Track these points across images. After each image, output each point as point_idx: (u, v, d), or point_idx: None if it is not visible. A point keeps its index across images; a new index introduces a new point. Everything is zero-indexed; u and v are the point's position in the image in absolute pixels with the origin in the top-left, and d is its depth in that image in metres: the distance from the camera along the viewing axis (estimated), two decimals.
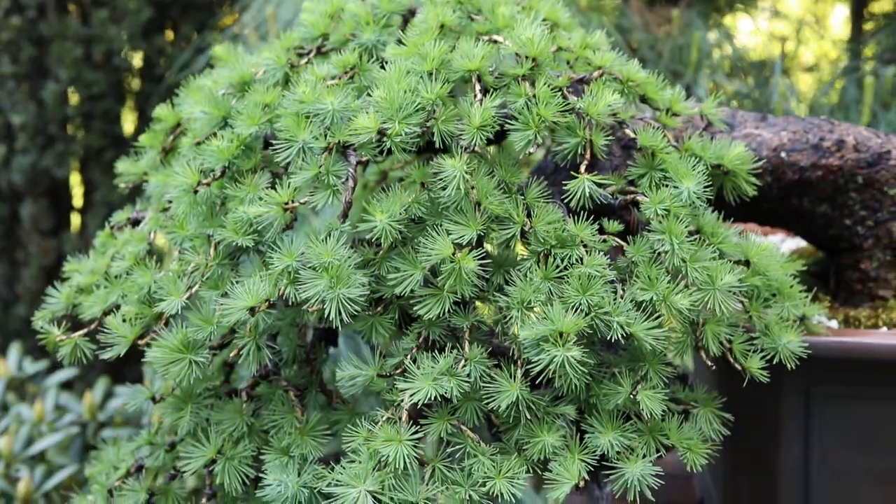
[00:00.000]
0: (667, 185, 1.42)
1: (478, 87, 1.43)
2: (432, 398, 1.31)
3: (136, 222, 1.67)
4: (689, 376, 1.51)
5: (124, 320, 1.46)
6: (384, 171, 1.89)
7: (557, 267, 1.35)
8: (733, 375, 1.45)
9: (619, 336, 1.30)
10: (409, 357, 1.37)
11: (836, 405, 1.57)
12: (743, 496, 1.70)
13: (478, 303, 1.43)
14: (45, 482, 2.37)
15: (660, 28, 2.58)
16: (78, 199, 3.82)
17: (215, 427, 1.47)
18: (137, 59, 3.67)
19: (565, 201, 1.41)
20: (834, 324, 1.62)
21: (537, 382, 1.35)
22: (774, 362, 1.42)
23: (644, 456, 1.33)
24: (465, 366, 1.34)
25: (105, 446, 1.71)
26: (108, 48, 3.53)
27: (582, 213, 1.40)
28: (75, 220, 3.83)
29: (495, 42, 1.50)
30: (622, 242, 1.40)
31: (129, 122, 3.73)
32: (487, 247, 1.42)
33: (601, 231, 1.41)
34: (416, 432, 1.31)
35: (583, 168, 1.41)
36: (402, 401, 1.33)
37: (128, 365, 3.29)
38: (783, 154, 1.63)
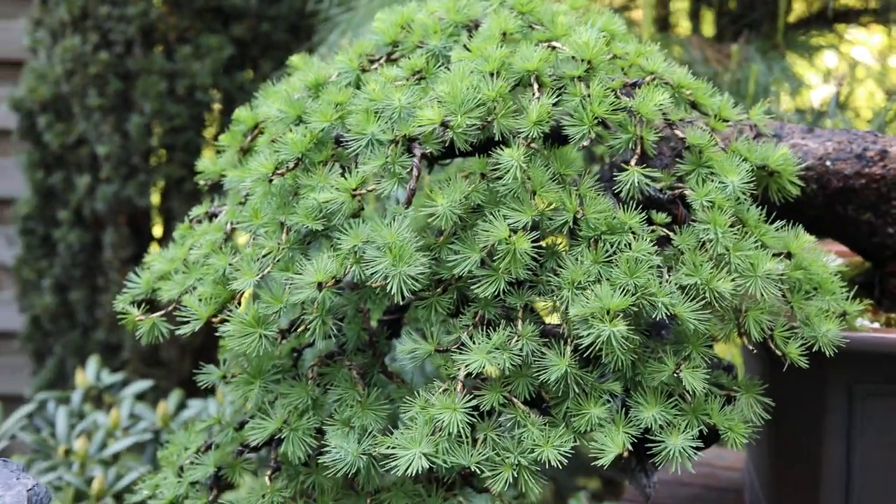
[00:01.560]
0: (713, 181, 1.51)
1: (536, 86, 1.53)
2: (486, 369, 1.40)
3: (213, 216, 1.78)
4: (735, 368, 1.58)
5: (200, 300, 1.56)
6: None
7: (606, 252, 1.44)
8: (780, 372, 1.51)
9: (664, 315, 1.38)
10: (465, 333, 1.46)
11: (879, 402, 1.63)
12: (787, 489, 1.75)
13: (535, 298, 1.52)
14: (117, 483, 2.48)
15: (719, 63, 2.67)
16: (158, 229, 3.97)
17: (281, 400, 1.56)
18: (218, 95, 3.82)
19: (615, 192, 1.50)
20: (877, 326, 1.68)
21: (586, 358, 1.43)
22: (814, 350, 1.49)
23: (685, 430, 1.40)
24: (517, 342, 1.42)
25: (177, 431, 1.81)
26: (191, 83, 3.68)
27: (631, 203, 1.48)
28: (154, 249, 3.97)
29: (554, 48, 1.59)
30: (669, 233, 1.49)
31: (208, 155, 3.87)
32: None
33: (650, 222, 1.49)
34: (469, 402, 1.39)
35: (633, 161, 1.49)
36: (458, 371, 1.41)
37: (196, 389, 3.39)
38: (828, 163, 1.70)
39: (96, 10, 3.71)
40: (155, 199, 3.91)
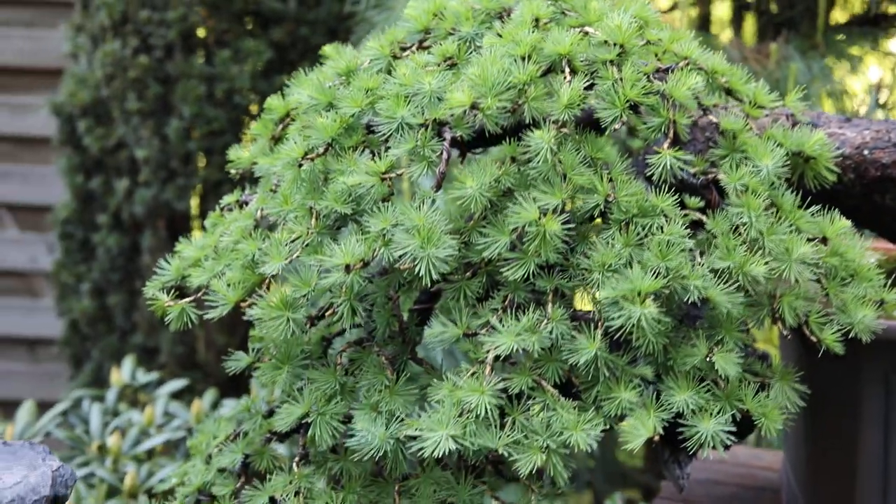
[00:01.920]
0: (747, 165, 1.49)
1: (567, 70, 1.52)
2: (514, 352, 1.39)
3: (244, 204, 1.77)
4: (769, 356, 1.56)
5: (228, 285, 1.55)
6: None
7: (638, 235, 1.42)
8: (816, 361, 1.49)
9: (696, 298, 1.36)
10: (495, 317, 1.44)
11: None
12: (824, 480, 1.72)
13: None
14: (150, 479, 2.48)
15: (757, 62, 2.64)
16: (196, 233, 3.98)
17: (309, 385, 1.55)
18: (256, 98, 3.83)
19: (648, 176, 1.48)
20: None
21: (616, 342, 1.42)
22: (850, 339, 1.46)
23: (718, 415, 1.38)
24: (547, 324, 1.41)
25: (207, 416, 1.81)
26: (230, 87, 3.70)
27: (664, 187, 1.46)
28: None
29: (586, 33, 1.58)
30: (702, 216, 1.47)
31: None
32: None
33: (682, 206, 1.47)
34: (498, 385, 1.38)
35: (666, 145, 1.48)
36: (486, 354, 1.40)
37: (232, 392, 3.39)
38: (865, 152, 1.68)
39: (136, 14, 3.73)
40: (194, 202, 3.93)
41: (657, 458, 1.63)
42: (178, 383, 2.95)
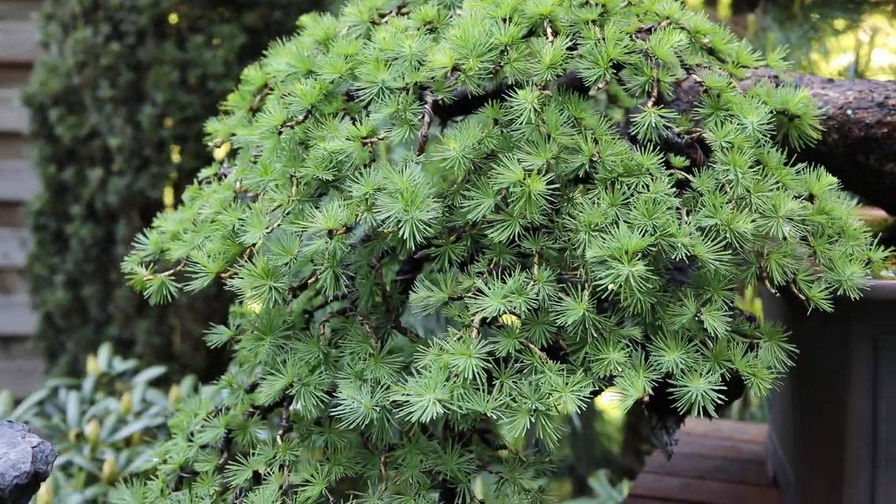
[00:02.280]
0: (731, 122, 1.47)
1: (549, 30, 1.50)
2: (501, 314, 1.36)
3: (222, 177, 1.74)
4: (757, 318, 1.54)
5: (209, 256, 1.52)
6: None
7: (624, 194, 1.40)
8: (804, 327, 1.48)
9: (684, 256, 1.34)
10: (481, 280, 1.42)
11: None
12: (811, 448, 1.71)
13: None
14: (128, 466, 2.45)
15: (735, 33, 2.63)
16: None
17: (292, 356, 1.52)
18: (231, 84, 3.79)
19: (632, 135, 1.46)
20: None
21: (604, 304, 1.40)
22: (838, 299, 1.44)
23: (707, 375, 1.36)
24: (533, 286, 1.38)
25: (188, 398, 1.78)
26: (203, 73, 3.66)
27: (649, 146, 1.45)
28: None
29: None
30: (688, 176, 1.45)
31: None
32: None
33: (668, 166, 1.46)
34: (485, 348, 1.35)
35: (650, 103, 1.46)
36: (473, 318, 1.38)
37: (210, 382, 3.36)
38: (849, 112, 1.67)
39: (107, 1, 3.69)
40: (168, 191, 3.88)
41: (637, 441, 1.62)
42: (155, 371, 2.92)
